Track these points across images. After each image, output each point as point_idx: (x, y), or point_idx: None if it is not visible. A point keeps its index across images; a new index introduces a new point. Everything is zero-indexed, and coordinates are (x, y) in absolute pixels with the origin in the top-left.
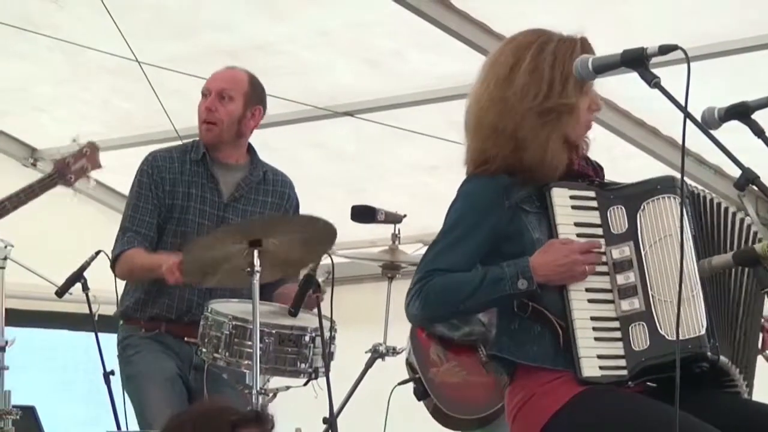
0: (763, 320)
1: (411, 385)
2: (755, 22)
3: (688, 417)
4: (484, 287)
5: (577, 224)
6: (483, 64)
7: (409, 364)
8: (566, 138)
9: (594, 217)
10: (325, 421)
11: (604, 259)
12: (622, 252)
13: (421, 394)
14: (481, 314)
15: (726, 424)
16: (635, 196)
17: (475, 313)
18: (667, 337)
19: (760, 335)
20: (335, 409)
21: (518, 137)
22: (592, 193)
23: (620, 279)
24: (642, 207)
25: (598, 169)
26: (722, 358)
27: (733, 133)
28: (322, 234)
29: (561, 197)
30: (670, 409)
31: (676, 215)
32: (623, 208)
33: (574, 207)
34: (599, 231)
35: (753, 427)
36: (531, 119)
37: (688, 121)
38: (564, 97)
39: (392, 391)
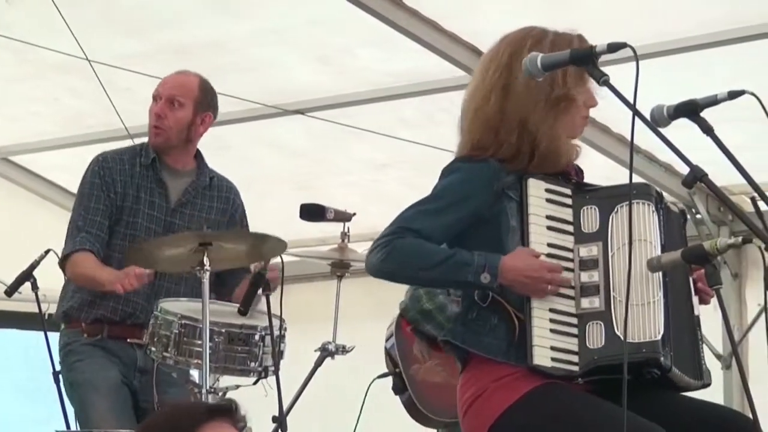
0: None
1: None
2: (705, 21)
3: (636, 418)
4: (448, 265)
5: (548, 217)
6: (481, 60)
7: (389, 356)
8: (571, 129)
9: (567, 213)
10: (274, 419)
11: (571, 255)
12: (589, 251)
13: (399, 389)
14: None
15: (673, 423)
16: (610, 198)
17: (429, 287)
18: (622, 338)
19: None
20: (285, 407)
21: (528, 127)
22: (568, 191)
23: (584, 277)
24: (615, 210)
25: (579, 171)
26: (674, 369)
27: (684, 130)
28: (272, 246)
29: (536, 188)
30: (618, 409)
31: (648, 221)
32: (597, 208)
33: (548, 200)
34: (570, 228)
35: (698, 424)
36: (541, 109)
37: (637, 118)
38: (566, 88)
39: (371, 384)
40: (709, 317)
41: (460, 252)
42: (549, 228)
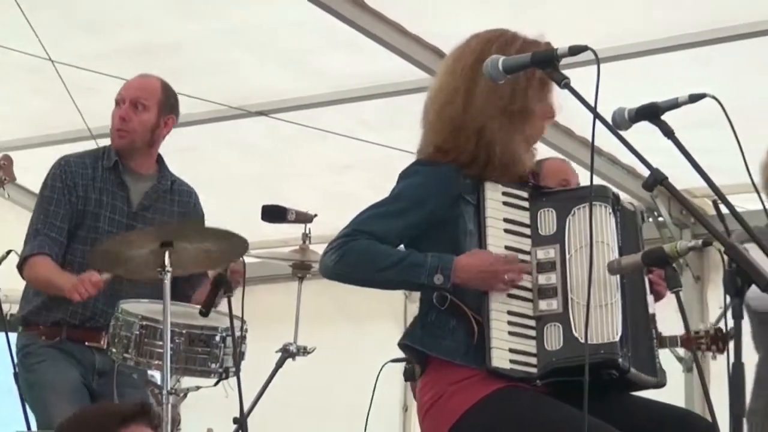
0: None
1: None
2: (667, 24)
3: (595, 420)
4: (401, 266)
5: (506, 220)
6: (446, 58)
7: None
8: (530, 138)
9: (524, 216)
10: (235, 420)
11: (528, 258)
12: (547, 253)
13: (410, 375)
14: None
15: (632, 426)
16: (567, 200)
17: (385, 289)
18: (580, 340)
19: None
20: (246, 408)
21: (485, 134)
22: (525, 194)
23: (542, 279)
24: (572, 212)
25: (535, 174)
26: (633, 370)
27: (649, 133)
28: (234, 246)
29: (493, 192)
30: (577, 412)
31: (605, 223)
32: (554, 211)
33: (505, 203)
34: (527, 231)
35: (656, 425)
36: (499, 119)
37: (598, 121)
38: (526, 101)
39: (382, 367)
40: (671, 320)
41: (414, 253)
42: (506, 231)
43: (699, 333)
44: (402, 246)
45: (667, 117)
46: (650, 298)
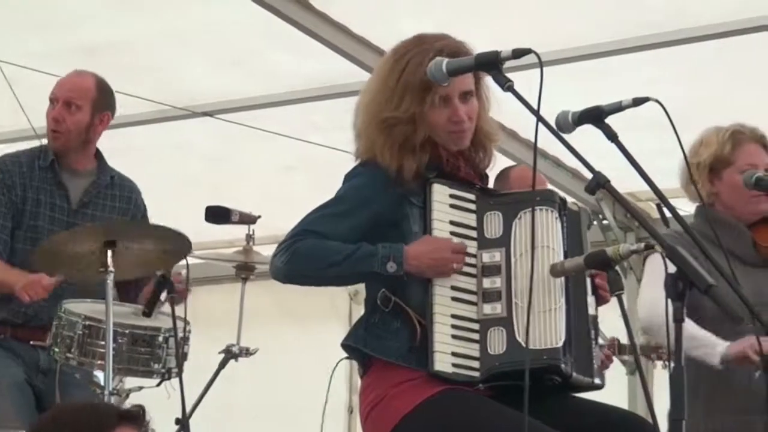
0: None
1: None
2: (612, 28)
3: (537, 424)
4: (353, 258)
5: (452, 222)
6: (379, 64)
7: None
8: (410, 144)
9: (470, 219)
10: (177, 421)
11: (474, 260)
12: (492, 257)
13: None
14: None
15: (575, 428)
16: (514, 204)
17: (338, 284)
18: (524, 344)
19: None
20: (188, 409)
21: (368, 137)
22: (472, 196)
23: (486, 283)
24: (519, 216)
25: (484, 178)
26: (576, 375)
27: (596, 136)
28: (178, 244)
29: (440, 194)
30: (518, 415)
31: (551, 228)
32: (500, 214)
33: (452, 206)
34: (473, 233)
35: (598, 427)
36: (373, 123)
37: (541, 124)
38: (399, 110)
39: (336, 365)
40: (615, 323)
41: (364, 245)
42: (452, 233)
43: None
44: None
45: (614, 120)
46: (591, 299)
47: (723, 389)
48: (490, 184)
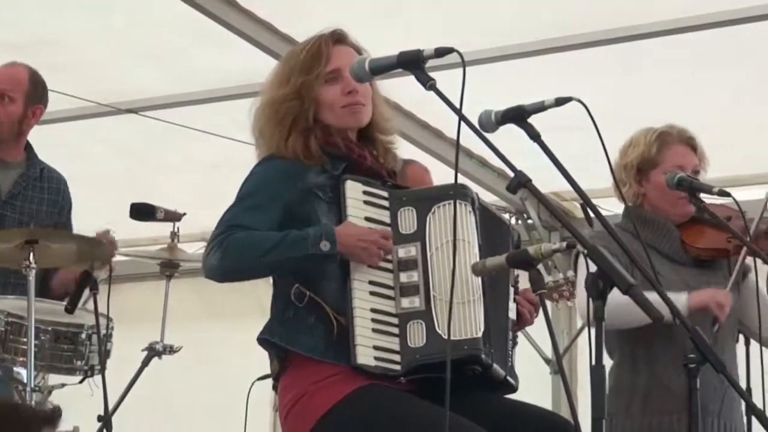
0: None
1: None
2: (538, 27)
3: (458, 418)
4: (286, 244)
5: (367, 219)
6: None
7: None
8: (327, 122)
9: (384, 215)
10: (100, 419)
11: (390, 256)
12: (408, 252)
13: None
14: None
15: (494, 424)
16: (427, 199)
17: (274, 273)
18: (443, 336)
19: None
20: (110, 407)
21: (260, 129)
22: (385, 193)
23: (403, 277)
24: (432, 210)
25: (392, 174)
26: (495, 366)
27: (522, 136)
28: (100, 251)
29: (354, 190)
30: (439, 410)
31: (465, 221)
32: (414, 210)
33: (366, 202)
34: (388, 230)
35: (520, 426)
36: (264, 112)
37: (464, 123)
38: (286, 88)
39: (251, 385)
40: (540, 321)
41: (293, 231)
42: None
43: (559, 281)
44: None
45: (542, 120)
46: (512, 305)
47: (659, 389)
48: None
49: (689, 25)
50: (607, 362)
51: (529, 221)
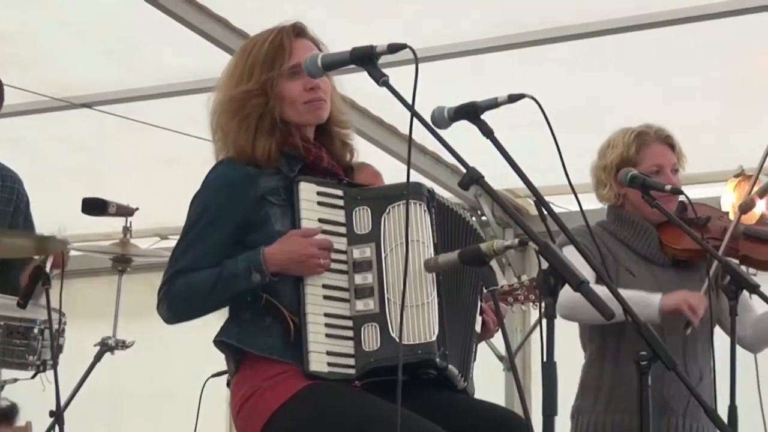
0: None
1: None
2: (495, 24)
3: (410, 415)
4: (221, 285)
5: (321, 220)
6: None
7: None
8: (286, 119)
9: (339, 215)
10: (51, 414)
11: (344, 257)
12: (362, 252)
13: None
14: None
15: (447, 421)
16: (382, 198)
17: (223, 307)
18: (398, 340)
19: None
20: (63, 402)
21: (221, 127)
22: (339, 192)
23: (358, 279)
24: (387, 210)
25: (348, 170)
26: (451, 367)
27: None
28: (54, 245)
29: (308, 192)
30: (392, 406)
31: (420, 221)
32: (369, 209)
33: (320, 203)
34: (343, 229)
35: (474, 424)
36: (225, 108)
37: (416, 120)
38: (248, 84)
39: (205, 383)
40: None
41: (225, 265)
42: (322, 231)
43: (514, 285)
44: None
45: (500, 117)
46: (479, 318)
47: (622, 388)
48: None
49: (647, 22)
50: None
51: (483, 218)
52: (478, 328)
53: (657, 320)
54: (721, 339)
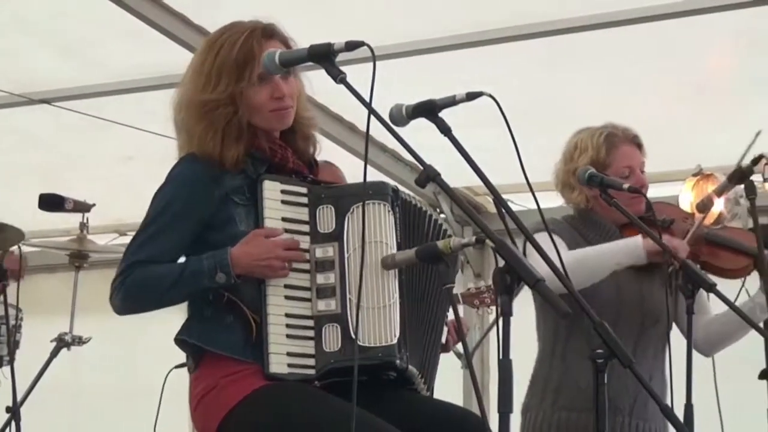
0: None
1: None
2: (455, 22)
3: (366, 414)
4: (183, 281)
5: (284, 219)
6: (195, 55)
7: None
8: (255, 124)
9: (303, 213)
10: (8, 410)
11: (307, 257)
12: (325, 252)
13: None
14: None
15: (405, 422)
16: (346, 197)
17: (180, 303)
18: (358, 341)
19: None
20: (19, 397)
21: (187, 129)
22: (304, 190)
23: (320, 278)
24: (351, 210)
25: (313, 166)
26: (411, 368)
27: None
28: (9, 236)
29: (272, 191)
30: (348, 406)
31: (383, 221)
32: (333, 208)
33: (284, 202)
34: (306, 228)
35: (431, 424)
36: (192, 111)
37: (375, 117)
38: (216, 92)
39: (168, 373)
40: (451, 316)
41: (190, 261)
42: (286, 231)
43: (480, 288)
44: (183, 258)
45: (459, 115)
46: (446, 329)
47: (569, 386)
48: None
49: (608, 21)
50: None
51: (442, 216)
52: (443, 339)
53: (644, 260)
54: (678, 339)
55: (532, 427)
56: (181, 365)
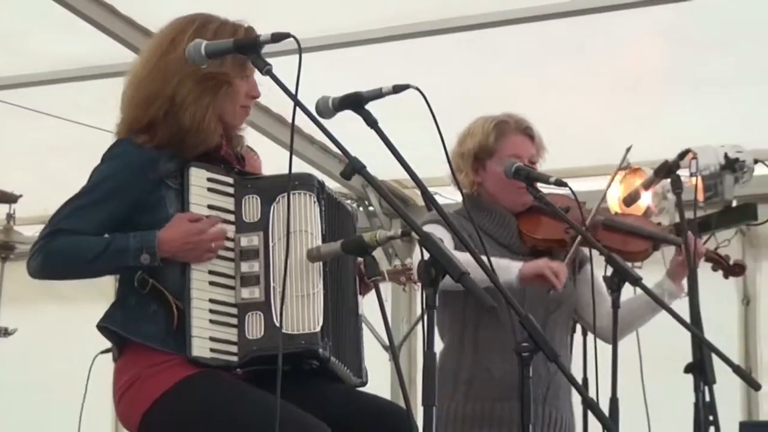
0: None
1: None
2: (379, 15)
3: (288, 406)
4: (107, 255)
5: (210, 207)
6: (145, 45)
7: None
8: (222, 113)
9: (228, 203)
10: None
11: (232, 245)
12: (250, 241)
13: None
14: None
15: (327, 412)
16: (272, 188)
17: (99, 277)
18: (281, 329)
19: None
20: None
21: (175, 100)
22: (230, 180)
23: (244, 267)
24: (277, 200)
25: (241, 160)
26: (333, 358)
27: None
28: None
29: (198, 177)
30: (270, 398)
31: (309, 212)
32: (258, 198)
33: (210, 189)
34: (231, 217)
35: (352, 414)
36: (189, 83)
37: (300, 109)
38: (222, 67)
39: (94, 359)
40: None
41: (117, 238)
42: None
43: (407, 265)
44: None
45: (386, 108)
46: (360, 298)
47: (483, 375)
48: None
49: (535, 14)
50: None
51: (371, 208)
52: (360, 309)
53: (515, 285)
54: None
55: (445, 418)
56: (107, 350)
